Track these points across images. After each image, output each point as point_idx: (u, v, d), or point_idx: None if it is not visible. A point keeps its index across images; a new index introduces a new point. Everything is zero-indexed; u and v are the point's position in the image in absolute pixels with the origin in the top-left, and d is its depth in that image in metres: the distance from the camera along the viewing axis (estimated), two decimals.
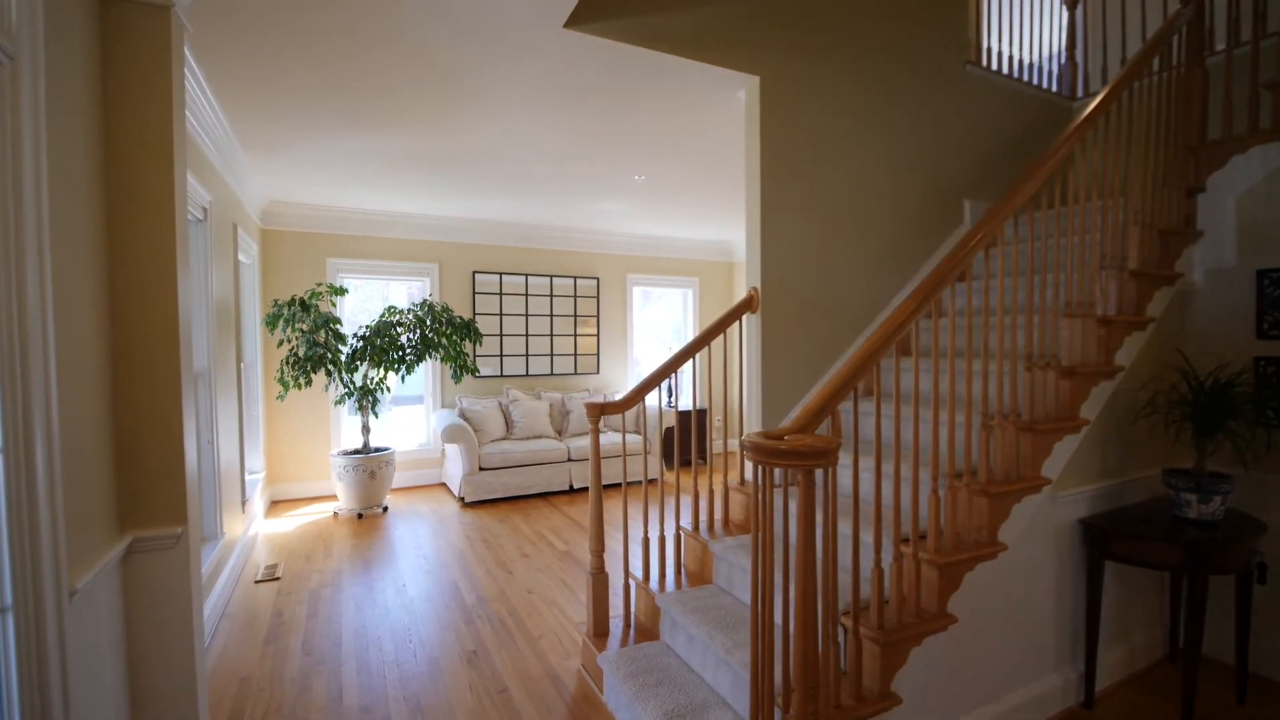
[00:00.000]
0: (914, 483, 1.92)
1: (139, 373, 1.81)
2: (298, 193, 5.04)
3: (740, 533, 2.77)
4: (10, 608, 1.22)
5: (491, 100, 3.11)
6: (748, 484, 2.94)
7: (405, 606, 3.33)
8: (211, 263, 3.28)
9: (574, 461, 5.83)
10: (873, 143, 3.24)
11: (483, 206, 5.52)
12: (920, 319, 2.89)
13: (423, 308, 5.17)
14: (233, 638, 2.99)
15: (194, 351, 3.17)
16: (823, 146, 3.07)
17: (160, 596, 1.85)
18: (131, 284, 1.80)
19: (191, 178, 2.88)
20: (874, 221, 3.27)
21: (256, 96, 3.03)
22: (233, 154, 3.75)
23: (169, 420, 1.84)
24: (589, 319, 6.91)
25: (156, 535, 1.82)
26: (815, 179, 3.06)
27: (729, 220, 6.17)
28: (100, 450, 1.69)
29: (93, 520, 1.62)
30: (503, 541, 4.41)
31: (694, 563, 2.81)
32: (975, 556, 2.01)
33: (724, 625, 2.20)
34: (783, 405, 2.99)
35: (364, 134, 3.59)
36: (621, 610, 2.91)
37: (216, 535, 3.29)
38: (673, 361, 2.76)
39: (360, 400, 5.07)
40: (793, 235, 3.00)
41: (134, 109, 1.78)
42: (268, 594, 3.51)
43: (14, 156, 1.24)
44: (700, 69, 2.77)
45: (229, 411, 3.79)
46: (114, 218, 1.78)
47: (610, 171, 4.35)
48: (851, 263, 3.20)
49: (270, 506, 5.35)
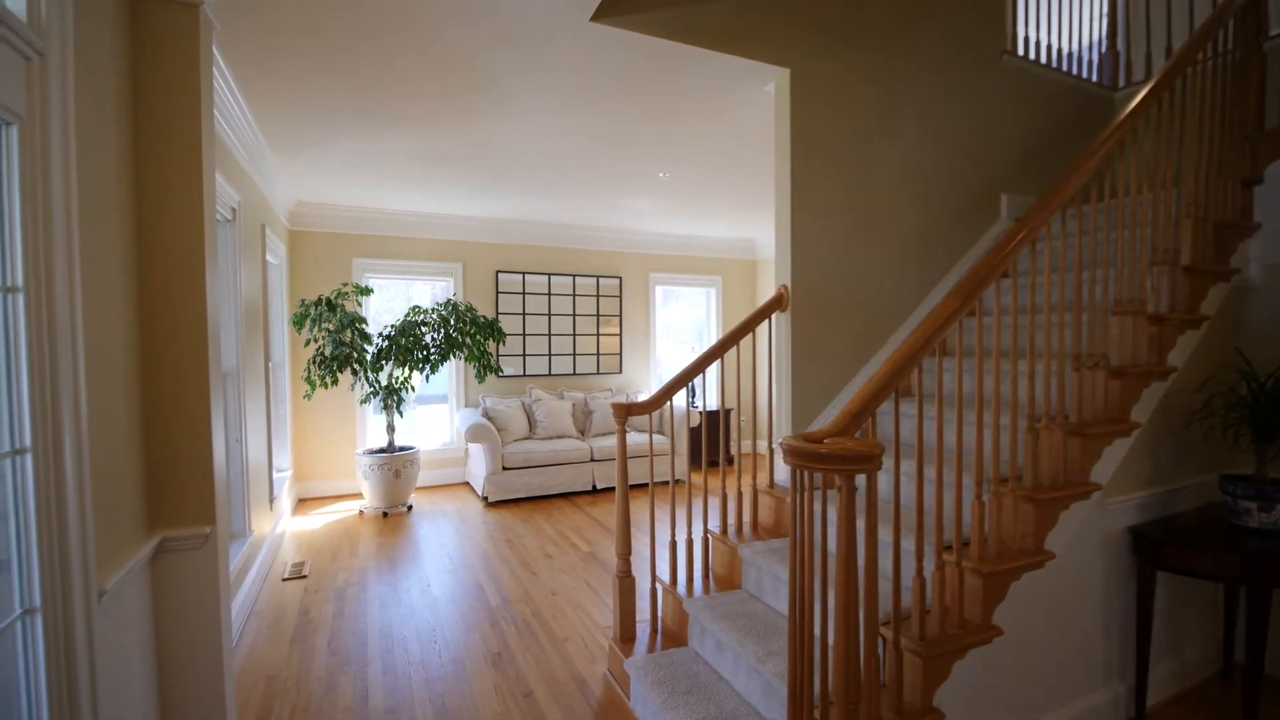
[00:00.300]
0: (956, 488, 1.84)
1: (168, 372, 1.80)
2: (324, 194, 5.08)
3: (770, 537, 2.70)
4: (39, 609, 1.21)
5: (517, 99, 3.09)
6: (777, 487, 2.87)
7: (430, 606, 3.32)
8: (240, 263, 3.31)
9: (597, 462, 5.79)
10: (906, 135, 3.14)
11: (506, 206, 5.51)
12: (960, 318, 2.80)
13: (447, 307, 5.18)
14: (260, 635, 3.01)
15: (222, 351, 3.20)
16: (854, 140, 2.99)
17: (189, 596, 1.85)
18: (161, 283, 1.80)
19: (220, 178, 2.89)
20: (907, 218, 3.17)
21: (284, 96, 3.04)
22: (261, 155, 3.78)
23: (197, 420, 1.84)
24: (611, 318, 6.87)
25: (185, 535, 1.82)
26: (846, 174, 2.98)
27: (753, 218, 6.08)
28: (129, 450, 1.68)
29: (121, 520, 1.62)
30: (526, 542, 4.39)
31: (722, 567, 2.75)
32: (1021, 566, 1.92)
33: (755, 633, 2.13)
34: (813, 406, 2.92)
35: (390, 134, 3.59)
36: (648, 614, 2.86)
37: (245, 533, 3.31)
38: (700, 361, 2.70)
39: (385, 399, 5.09)
40: (823, 232, 2.92)
41: (163, 107, 1.78)
42: (294, 592, 3.53)
43: (43, 154, 1.23)
44: (728, 62, 2.70)
45: (257, 410, 3.82)
46: (143, 216, 1.78)
47: (634, 169, 4.30)
48: (883, 260, 3.11)
49: (297, 504, 5.41)
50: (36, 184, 1.22)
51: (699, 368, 2.70)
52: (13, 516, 1.18)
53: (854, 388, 2.99)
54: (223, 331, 3.19)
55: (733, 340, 2.77)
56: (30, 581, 1.20)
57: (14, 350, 1.18)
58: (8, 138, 1.18)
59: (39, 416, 1.21)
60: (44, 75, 1.24)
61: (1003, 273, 1.90)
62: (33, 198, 1.21)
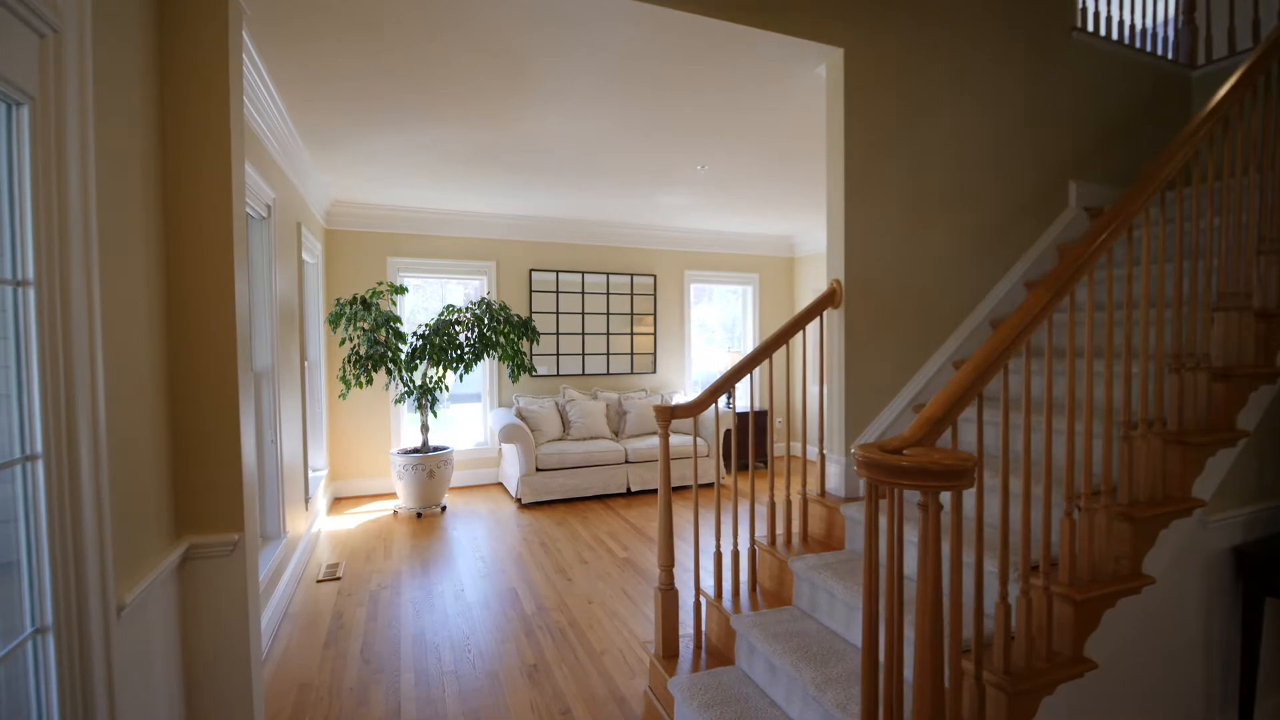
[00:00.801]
0: (1045, 503, 1.64)
1: (196, 372, 1.73)
2: (360, 192, 5.05)
3: (822, 549, 2.52)
4: (51, 628, 1.12)
5: (555, 84, 2.97)
6: (829, 495, 2.69)
7: (464, 613, 3.23)
8: (275, 261, 3.26)
9: (631, 464, 5.66)
10: (967, 119, 2.92)
11: (540, 203, 5.42)
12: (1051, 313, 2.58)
13: (480, 306, 5.11)
14: (294, 640, 2.95)
15: (257, 350, 3.16)
16: (912, 124, 2.79)
17: (216, 606, 1.77)
18: (188, 278, 1.72)
19: (255, 173, 2.84)
20: (967, 208, 2.95)
21: (317, 86, 2.97)
22: (296, 151, 3.75)
23: (226, 422, 1.75)
24: (645, 317, 6.74)
25: (213, 542, 1.74)
26: (904, 161, 2.78)
27: (792, 212, 5.87)
28: (155, 454, 1.60)
29: (147, 527, 1.54)
30: (561, 546, 4.28)
31: (770, 580, 2.59)
32: (1116, 591, 1.71)
33: (811, 656, 1.97)
34: (868, 409, 2.73)
35: (426, 127, 3.51)
36: (690, 628, 2.71)
37: (279, 534, 3.27)
38: (747, 361, 2.54)
39: (419, 399, 5.05)
40: (879, 223, 2.73)
41: (190, 92, 1.70)
42: (328, 594, 3.48)
43: (57, 138, 1.14)
44: (777, 41, 2.53)
45: (293, 410, 3.79)
46: (169, 207, 1.70)
47: (672, 161, 4.15)
48: (942, 253, 2.90)
49: (333, 503, 5.41)
50: (50, 170, 1.13)
51: (745, 368, 2.54)
52: (23, 528, 1.10)
53: (912, 390, 2.79)
54: (257, 330, 3.15)
55: (782, 339, 2.60)
56: (41, 598, 1.11)
57: (24, 348, 1.09)
58: (18, 120, 1.09)
59: (52, 420, 1.13)
60: (60, 53, 1.15)
61: (1096, 263, 1.70)
62: (46, 185, 1.12)
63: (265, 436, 3.20)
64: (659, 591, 2.44)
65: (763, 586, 2.61)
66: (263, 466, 3.19)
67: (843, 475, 2.67)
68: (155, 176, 1.64)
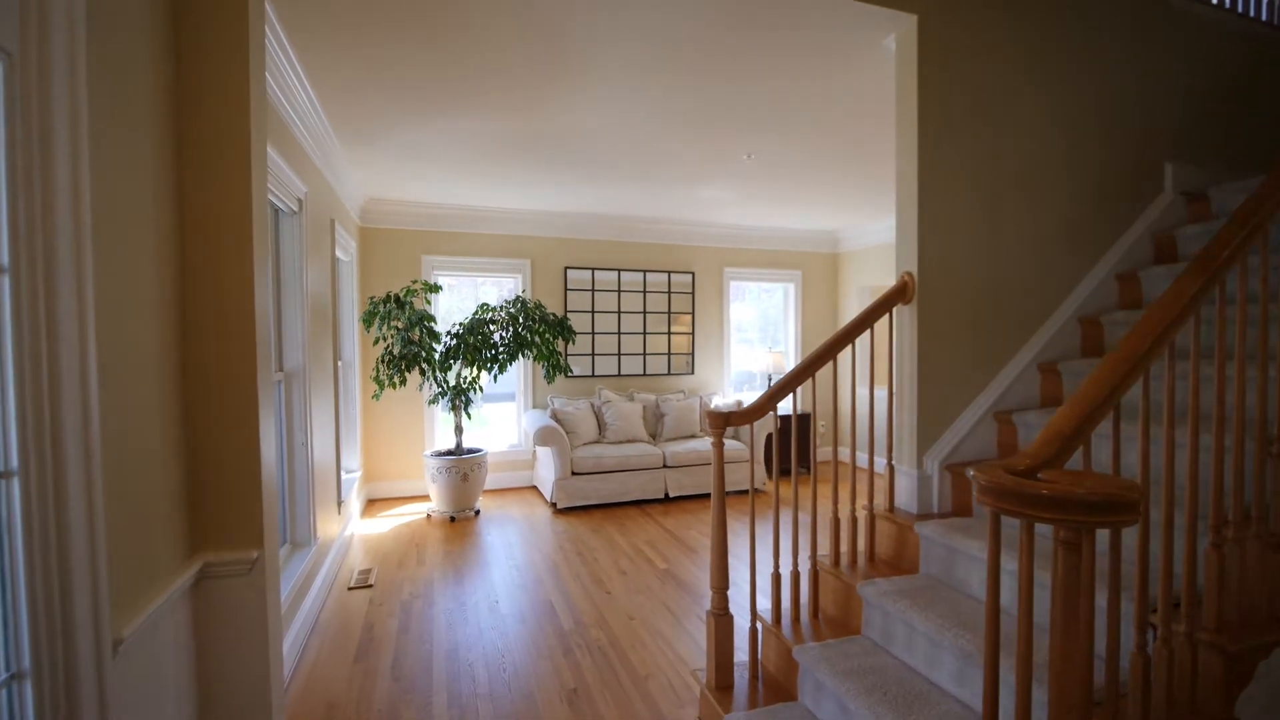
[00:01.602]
0: (1189, 532, 1.37)
1: (212, 375, 1.57)
2: (395, 189, 4.95)
3: (891, 571, 2.27)
4: (29, 672, 0.96)
5: (598, 69, 2.77)
6: (899, 511, 2.43)
7: (498, 627, 3.06)
8: (307, 257, 3.15)
9: (669, 468, 5.44)
10: (1050, 94, 2.63)
11: (576, 198, 5.24)
12: (1200, 305, 2.29)
13: (516, 305, 4.96)
14: (323, 654, 2.82)
15: (288, 349, 3.04)
16: (991, 101, 2.51)
17: (234, 630, 1.62)
18: (203, 272, 1.57)
19: (285, 164, 2.72)
20: (1051, 193, 2.66)
21: (350, 74, 2.84)
22: (329, 144, 3.64)
23: (244, 429, 1.60)
24: (683, 316, 6.51)
25: (230, 559, 1.59)
26: (981, 142, 2.51)
27: (839, 206, 5.57)
28: (164, 464, 1.45)
29: (153, 546, 1.38)
30: (598, 555, 4.09)
31: (834, 605, 2.34)
32: (1275, 641, 1.43)
33: (893, 700, 1.72)
34: (942, 416, 2.46)
35: (462, 117, 3.35)
36: (744, 655, 2.48)
37: (310, 541, 3.15)
38: (811, 361, 2.31)
39: (453, 400, 4.92)
40: (954, 211, 2.47)
41: (205, 61, 1.55)
42: (359, 603, 3.35)
43: (40, 100, 0.98)
44: (842, 8, 2.29)
45: (325, 410, 3.69)
46: (181, 194, 1.55)
47: (718, 149, 3.92)
48: (1024, 244, 2.61)
49: (366, 505, 5.32)
50: (31, 137, 0.97)
51: (808, 370, 2.30)
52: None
53: (991, 395, 2.51)
54: (288, 329, 3.03)
55: (847, 338, 2.35)
56: (18, 639, 0.95)
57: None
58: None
59: (31, 430, 0.97)
60: (44, 3, 0.99)
61: (1249, 246, 1.42)
62: (25, 154, 0.96)
63: (296, 439, 3.09)
64: (712, 616, 2.22)
65: (825, 612, 2.37)
66: (293, 470, 3.07)
67: (914, 489, 2.41)
68: (165, 154, 1.49)
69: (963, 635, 1.74)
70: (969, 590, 2.02)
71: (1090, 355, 2.66)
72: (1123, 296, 2.77)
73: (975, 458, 2.47)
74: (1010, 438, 2.47)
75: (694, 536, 4.46)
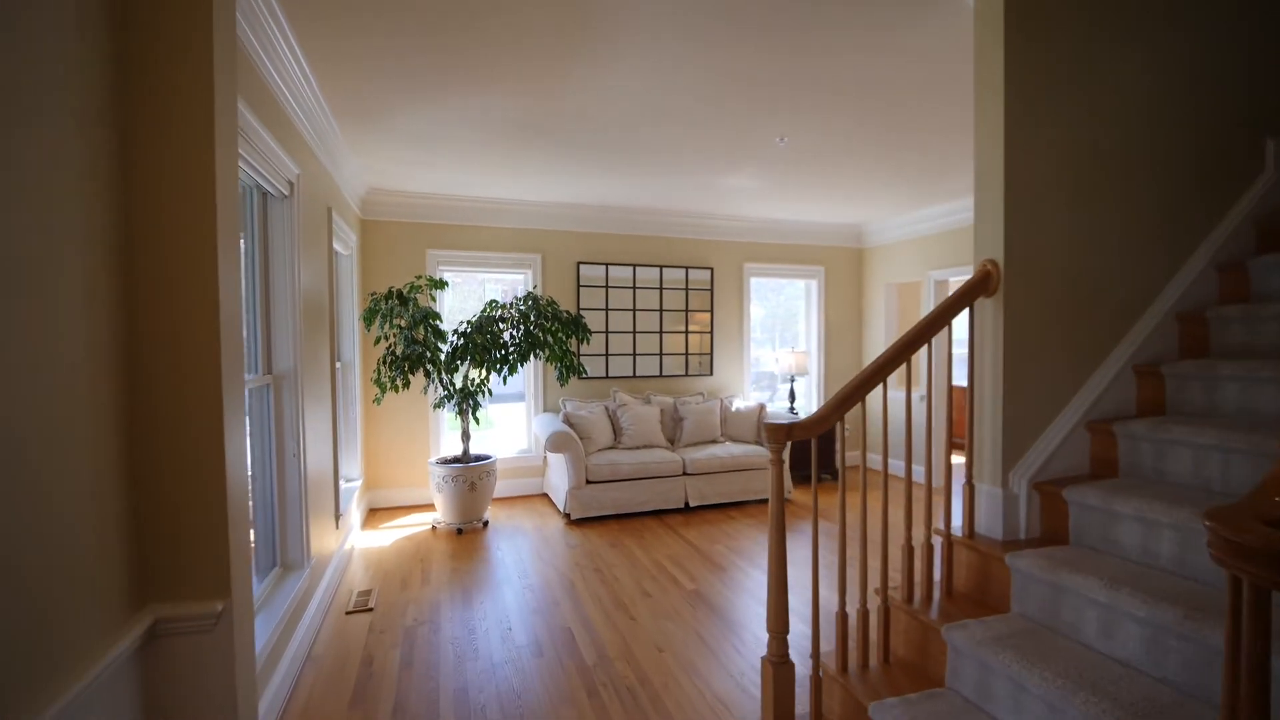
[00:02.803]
0: None
1: (161, 387, 1.25)
2: (398, 179, 4.64)
3: (976, 608, 1.94)
4: None
5: (628, 37, 2.44)
6: (979, 537, 2.10)
7: (513, 660, 2.74)
8: (299, 247, 2.83)
9: (689, 476, 5.12)
10: (1143, 61, 2.29)
11: (590, 189, 4.92)
12: None
13: (527, 301, 4.63)
14: (316, 693, 2.50)
15: (277, 350, 2.72)
16: (1078, 67, 2.18)
17: (195, 698, 1.29)
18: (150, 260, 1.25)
19: (273, 140, 2.40)
20: (1148, 172, 2.33)
21: (346, 43, 2.52)
22: (326, 128, 3.32)
23: (205, 451, 1.28)
24: (701, 314, 6.18)
25: (186, 615, 1.26)
26: (1074, 110, 2.18)
27: (865, 197, 5.23)
28: (94, 498, 1.13)
29: (77, 607, 1.06)
30: (618, 573, 3.77)
31: (907, 647, 2.01)
32: None
33: None
34: (1029, 426, 2.13)
35: (471, 95, 3.03)
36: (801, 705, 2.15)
37: (303, 564, 2.83)
38: (882, 365, 1.97)
39: (460, 404, 4.60)
40: (1042, 191, 2.13)
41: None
42: (358, 630, 3.03)
43: None
44: None
45: (321, 416, 3.37)
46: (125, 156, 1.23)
47: (748, 131, 3.59)
48: (1117, 229, 2.28)
49: (368, 515, 5.01)
50: None
51: (879, 374, 1.97)
52: None
53: (1084, 402, 2.17)
54: (277, 327, 2.71)
55: (921, 337, 2.02)
56: None
57: None
58: None
59: None
60: None
61: None
62: None
63: (287, 449, 2.77)
64: (770, 665, 1.89)
65: (895, 654, 2.04)
66: (284, 484, 2.75)
67: (998, 511, 2.08)
68: (97, 102, 1.17)
69: (1093, 701, 1.41)
70: (1084, 638, 1.68)
71: (1191, 356, 2.32)
72: (1224, 289, 2.42)
73: (1066, 474, 2.14)
74: (1107, 451, 2.14)
75: (720, 551, 4.13)
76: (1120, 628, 1.60)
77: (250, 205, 2.60)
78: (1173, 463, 1.93)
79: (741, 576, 3.70)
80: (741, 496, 5.24)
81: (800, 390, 6.70)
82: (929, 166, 4.27)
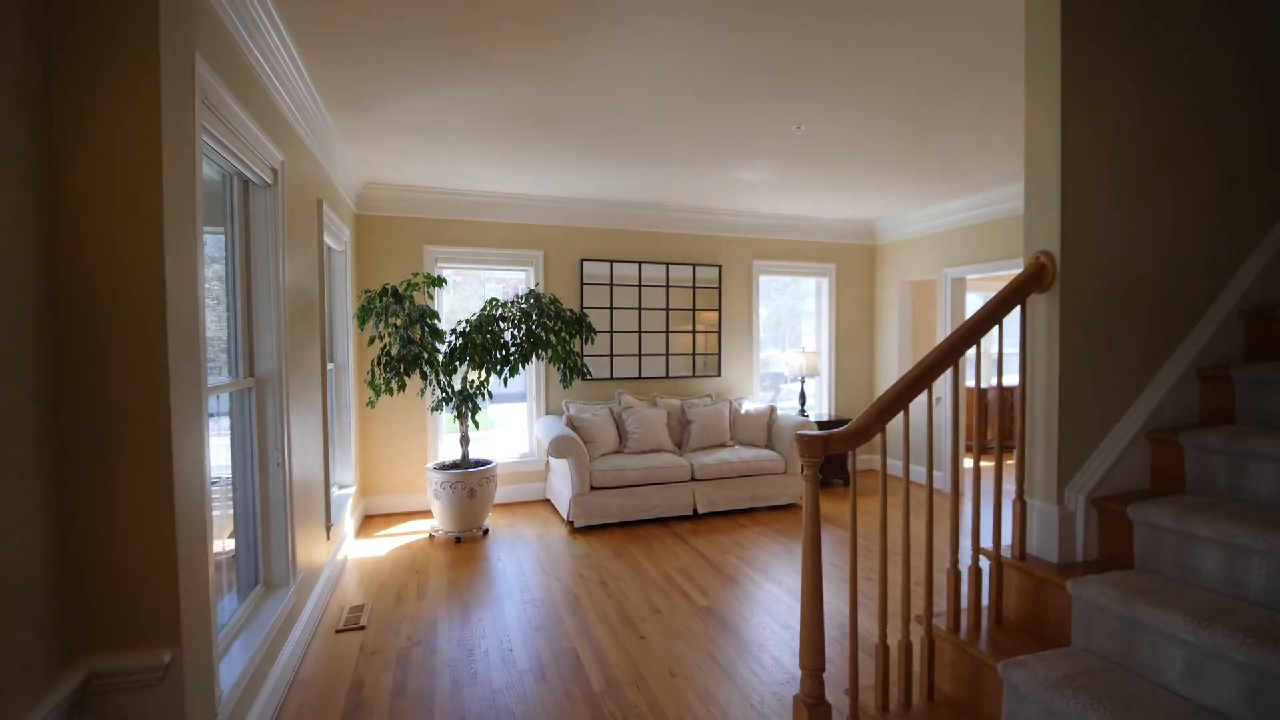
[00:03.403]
0: None
1: (93, 396, 1.05)
2: (394, 171, 4.43)
3: (1029, 639, 1.74)
4: None
5: (637, 20, 2.23)
6: (1031, 559, 1.89)
7: (514, 685, 2.54)
8: (284, 240, 2.62)
9: (698, 481, 4.91)
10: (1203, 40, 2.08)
11: (594, 182, 4.71)
12: None
13: (528, 300, 4.43)
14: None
15: (259, 351, 2.52)
16: (1136, 41, 1.97)
17: None
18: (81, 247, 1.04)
19: (252, 122, 2.20)
20: (1214, 156, 2.12)
21: (336, 21, 2.31)
22: (317, 115, 3.12)
23: (147, 471, 1.08)
24: (709, 313, 5.97)
25: (125, 668, 1.06)
26: (1138, 84, 1.97)
27: (880, 191, 5.02)
28: (17, 532, 0.93)
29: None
30: (625, 586, 3.56)
31: (954, 682, 1.81)
32: None
33: None
34: (1085, 436, 1.92)
35: (471, 78, 2.82)
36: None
37: (288, 580, 2.63)
38: (930, 367, 1.77)
39: (459, 407, 4.39)
40: (1098, 176, 1.92)
41: None
42: (348, 650, 2.83)
43: None
44: None
45: (311, 421, 3.17)
46: (50, 124, 1.02)
47: (764, 119, 3.38)
48: (1171, 218, 2.06)
49: (362, 523, 4.81)
50: None
51: (925, 377, 1.76)
52: None
53: (1144, 409, 1.97)
54: (260, 326, 2.51)
55: (972, 335, 1.82)
56: None
57: None
58: None
59: None
60: None
61: None
62: None
63: (270, 458, 2.57)
64: (804, 706, 1.68)
65: (941, 690, 1.83)
66: (267, 496, 2.55)
67: (1053, 531, 1.87)
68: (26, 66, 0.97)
69: None
70: (1164, 680, 1.48)
71: (1260, 359, 2.11)
72: None
73: (1126, 489, 1.93)
74: (1173, 464, 1.93)
75: (732, 563, 3.93)
76: (1211, 671, 1.39)
77: (230, 194, 2.40)
78: (1254, 479, 1.73)
79: (756, 590, 3.49)
80: (752, 503, 5.04)
81: (809, 391, 6.49)
82: (952, 156, 4.06)
